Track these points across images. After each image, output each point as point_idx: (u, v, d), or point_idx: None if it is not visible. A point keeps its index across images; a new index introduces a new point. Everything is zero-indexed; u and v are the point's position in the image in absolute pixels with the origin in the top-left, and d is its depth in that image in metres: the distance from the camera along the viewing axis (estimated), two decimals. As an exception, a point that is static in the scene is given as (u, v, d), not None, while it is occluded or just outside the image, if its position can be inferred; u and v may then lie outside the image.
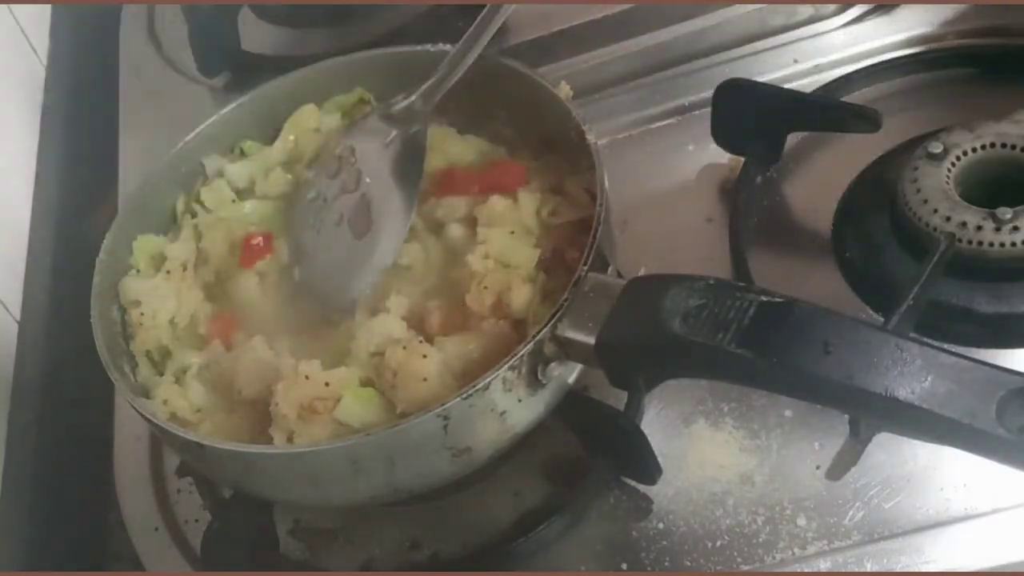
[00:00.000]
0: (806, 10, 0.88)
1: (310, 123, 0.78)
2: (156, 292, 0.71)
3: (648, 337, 0.56)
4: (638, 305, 0.57)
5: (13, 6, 0.96)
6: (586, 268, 0.60)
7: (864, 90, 0.83)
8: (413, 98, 0.72)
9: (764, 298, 0.52)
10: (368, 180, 0.71)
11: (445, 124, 0.76)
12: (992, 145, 0.71)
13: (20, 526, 0.74)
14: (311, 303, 0.71)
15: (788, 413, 0.68)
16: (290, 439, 0.62)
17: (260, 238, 0.74)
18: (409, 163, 0.71)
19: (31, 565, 0.73)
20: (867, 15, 0.87)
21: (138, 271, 0.73)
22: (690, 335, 0.53)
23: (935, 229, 0.68)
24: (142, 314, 0.70)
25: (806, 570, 0.62)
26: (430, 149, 0.73)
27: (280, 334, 0.69)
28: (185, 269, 0.72)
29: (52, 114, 0.98)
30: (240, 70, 0.98)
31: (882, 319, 0.66)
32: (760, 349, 0.50)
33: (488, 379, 0.58)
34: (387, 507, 0.68)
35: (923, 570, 0.61)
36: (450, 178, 0.73)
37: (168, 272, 0.72)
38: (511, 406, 0.60)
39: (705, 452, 0.68)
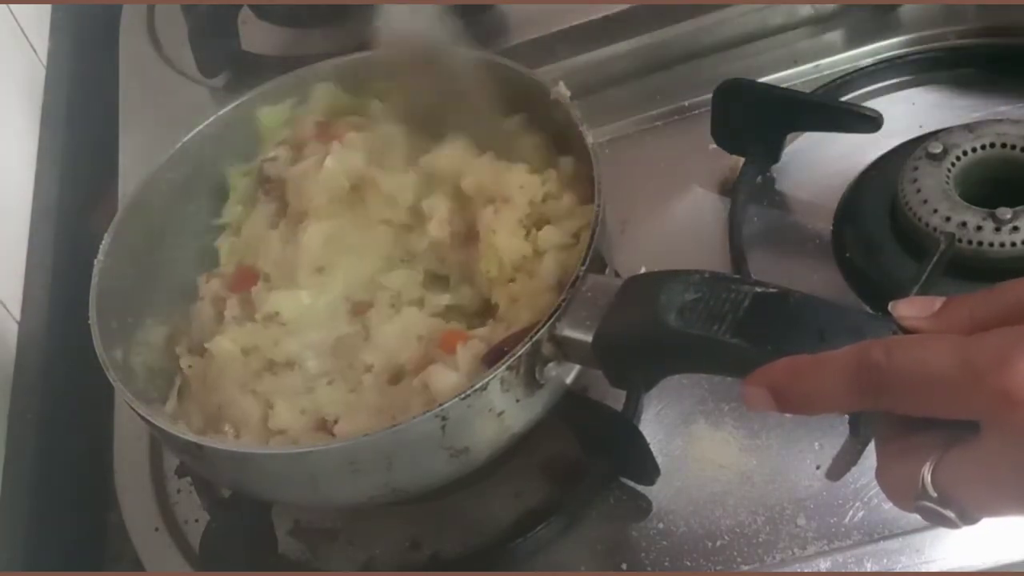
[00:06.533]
0: (806, 10, 0.88)
1: (334, 103, 0.78)
2: None
3: (644, 332, 0.56)
4: (634, 302, 0.57)
5: (13, 6, 0.96)
6: (584, 268, 0.60)
7: (864, 90, 0.83)
8: None
9: (759, 289, 0.52)
10: None
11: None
12: (992, 145, 0.71)
13: (20, 526, 0.74)
14: None
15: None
16: None
17: None
18: None
19: (31, 565, 0.73)
20: (867, 15, 0.87)
21: None
22: (686, 328, 0.53)
23: (935, 229, 0.68)
24: None
25: (806, 570, 0.62)
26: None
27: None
28: None
29: (52, 114, 0.98)
30: (240, 70, 0.98)
31: (882, 319, 0.66)
32: (755, 338, 0.51)
33: (486, 379, 0.58)
34: (387, 507, 0.68)
35: (923, 570, 0.61)
36: None
37: None
38: (509, 406, 0.60)
39: (705, 452, 0.68)
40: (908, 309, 0.48)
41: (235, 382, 0.67)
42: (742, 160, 0.80)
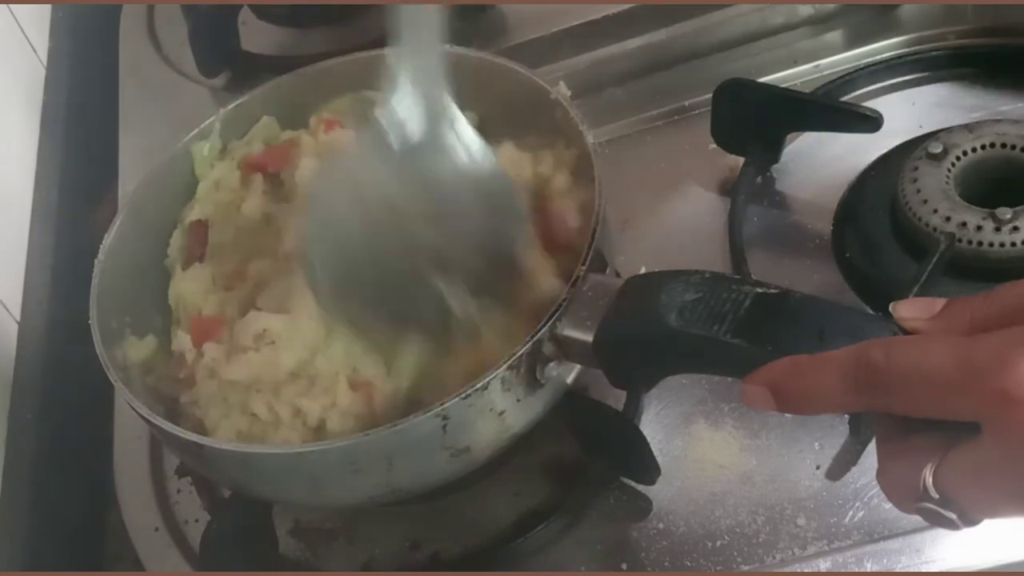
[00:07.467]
0: (806, 10, 0.88)
1: (270, 135, 0.78)
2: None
3: (645, 332, 0.56)
4: (635, 302, 0.57)
5: (13, 6, 0.96)
6: (584, 268, 0.61)
7: (864, 90, 0.83)
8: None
9: (759, 289, 0.52)
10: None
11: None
12: (992, 145, 0.71)
13: (20, 526, 0.74)
14: None
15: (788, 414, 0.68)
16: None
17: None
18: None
19: (31, 565, 0.73)
20: (867, 15, 0.87)
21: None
22: (686, 327, 0.53)
23: (935, 229, 0.69)
24: None
25: (806, 570, 0.62)
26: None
27: None
28: None
29: (52, 114, 0.98)
30: (240, 70, 0.98)
31: (882, 319, 0.66)
32: (756, 338, 0.51)
33: (487, 379, 0.58)
34: (387, 507, 0.68)
35: (923, 570, 0.61)
36: None
37: None
38: (509, 406, 0.60)
39: (705, 452, 0.68)
40: (909, 310, 0.48)
41: (252, 403, 0.65)
42: (742, 160, 0.80)
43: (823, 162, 0.81)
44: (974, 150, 0.71)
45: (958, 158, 0.71)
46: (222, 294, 0.71)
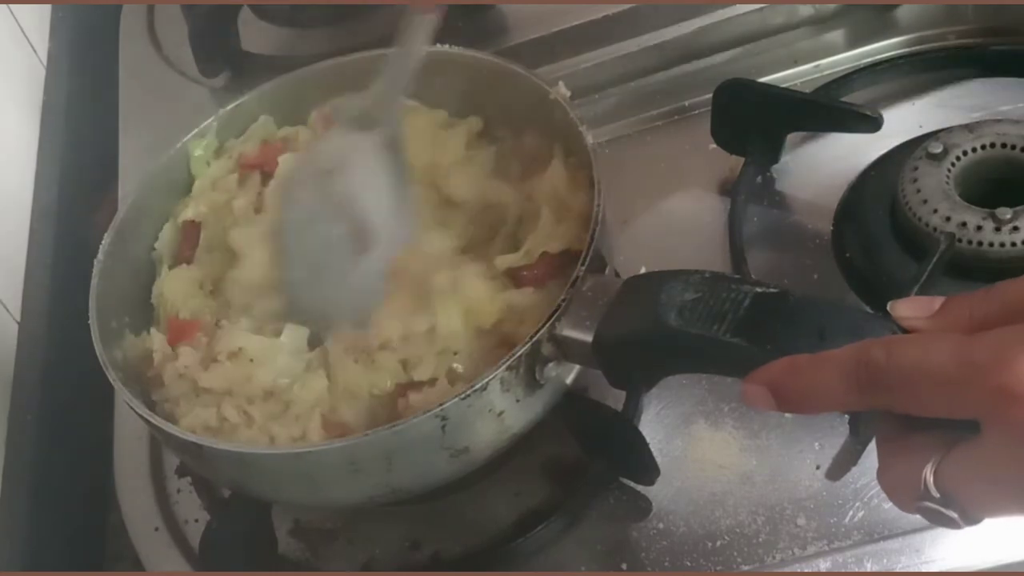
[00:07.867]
0: (806, 10, 0.88)
1: (267, 134, 0.78)
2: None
3: (644, 331, 0.56)
4: (635, 301, 0.57)
5: (13, 6, 0.96)
6: (584, 268, 0.61)
7: (864, 90, 0.83)
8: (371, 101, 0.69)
9: (759, 289, 0.52)
10: (360, 195, 0.67)
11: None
12: (992, 145, 0.71)
13: (20, 526, 0.74)
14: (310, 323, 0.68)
15: (788, 414, 0.68)
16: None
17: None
18: (396, 168, 0.67)
19: (31, 565, 0.73)
20: (867, 15, 0.87)
21: None
22: (685, 327, 0.53)
23: (935, 229, 0.68)
24: None
25: (806, 570, 0.62)
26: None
27: None
28: None
29: (52, 114, 0.98)
30: (240, 70, 0.98)
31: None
32: (755, 337, 0.51)
33: (486, 379, 0.58)
34: (387, 507, 0.68)
35: (923, 570, 0.61)
36: None
37: None
38: (509, 406, 0.60)
39: (705, 452, 0.68)
40: (908, 309, 0.48)
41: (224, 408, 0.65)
42: (742, 160, 0.80)
43: (823, 162, 0.81)
44: (974, 150, 0.71)
45: (958, 158, 0.71)
46: (204, 299, 0.71)
